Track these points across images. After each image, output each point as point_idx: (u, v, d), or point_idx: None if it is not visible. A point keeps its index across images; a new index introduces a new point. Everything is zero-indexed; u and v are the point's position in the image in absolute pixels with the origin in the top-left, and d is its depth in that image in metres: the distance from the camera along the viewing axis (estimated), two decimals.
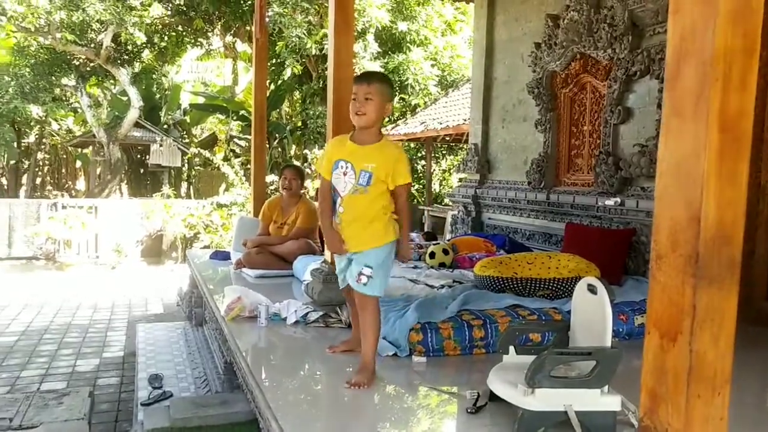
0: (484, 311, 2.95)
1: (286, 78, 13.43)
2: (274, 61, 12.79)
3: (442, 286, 3.77)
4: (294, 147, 14.54)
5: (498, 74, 6.04)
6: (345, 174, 2.45)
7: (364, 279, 2.42)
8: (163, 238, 11.71)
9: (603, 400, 1.89)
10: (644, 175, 4.03)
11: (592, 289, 2.08)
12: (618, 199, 4.23)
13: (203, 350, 4.55)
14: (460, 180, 7.56)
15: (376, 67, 12.27)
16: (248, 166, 12.33)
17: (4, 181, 21.01)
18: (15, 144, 17.80)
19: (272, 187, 10.42)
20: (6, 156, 18.43)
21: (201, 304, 4.97)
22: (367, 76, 2.57)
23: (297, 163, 13.68)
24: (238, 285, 3.82)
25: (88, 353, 5.51)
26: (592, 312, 2.06)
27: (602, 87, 4.61)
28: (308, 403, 2.25)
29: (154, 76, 17.12)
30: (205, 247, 10.32)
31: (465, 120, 9.60)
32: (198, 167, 18.53)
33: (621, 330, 3.05)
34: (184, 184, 18.88)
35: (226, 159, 13.80)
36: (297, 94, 15.53)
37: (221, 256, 5.50)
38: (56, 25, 12.92)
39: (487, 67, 6.12)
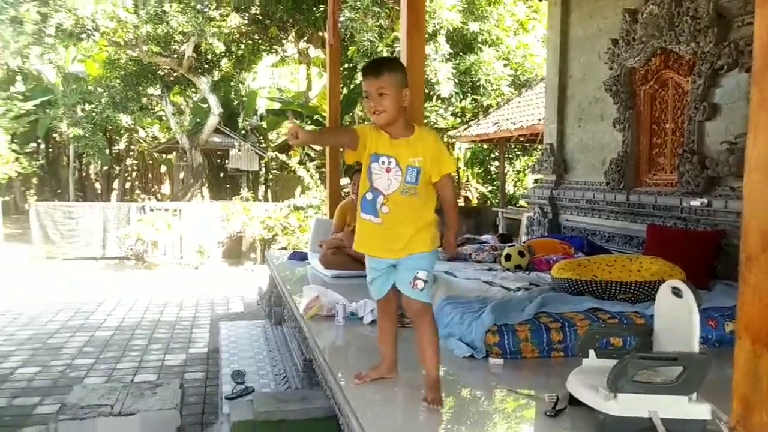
0: (562, 314, 2.90)
1: (358, 82, 13.63)
2: (346, 65, 13.03)
3: (519, 289, 3.72)
4: None
5: (573, 72, 5.90)
6: (388, 171, 2.20)
7: (420, 284, 2.20)
8: (242, 240, 12.14)
9: (691, 408, 1.83)
10: (733, 174, 3.83)
11: (676, 293, 2.02)
12: (705, 200, 4.05)
13: (282, 348, 4.70)
14: (536, 181, 7.43)
15: (447, 69, 12.20)
16: (323, 169, 12.62)
17: (98, 186, 22.47)
18: (107, 151, 18.99)
19: (346, 190, 10.59)
20: (99, 162, 19.70)
21: (280, 303, 5.14)
22: (374, 69, 2.24)
23: None
24: (316, 285, 3.92)
25: (175, 348, 5.83)
26: (677, 316, 2.00)
27: (685, 83, 4.42)
28: (385, 401, 2.30)
29: (232, 83, 17.83)
30: (283, 248, 10.62)
31: (539, 120, 9.42)
32: (275, 171, 19.12)
33: (710, 336, 2.91)
34: (262, 188, 19.52)
35: (301, 163, 14.16)
36: None
37: (299, 257, 5.67)
38: (143, 38, 13.73)
39: (562, 65, 6.00)
